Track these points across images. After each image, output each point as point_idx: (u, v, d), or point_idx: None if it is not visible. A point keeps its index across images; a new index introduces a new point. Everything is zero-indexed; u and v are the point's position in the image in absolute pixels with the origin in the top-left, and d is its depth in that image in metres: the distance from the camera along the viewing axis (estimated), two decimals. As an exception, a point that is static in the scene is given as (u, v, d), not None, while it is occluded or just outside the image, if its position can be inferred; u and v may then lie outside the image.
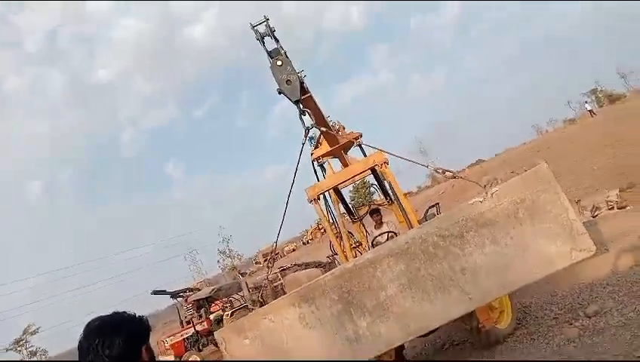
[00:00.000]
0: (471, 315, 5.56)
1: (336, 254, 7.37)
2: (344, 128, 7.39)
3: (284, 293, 15.22)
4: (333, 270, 4.48)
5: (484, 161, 50.25)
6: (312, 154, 7.33)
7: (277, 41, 4.79)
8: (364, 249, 8.00)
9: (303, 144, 4.87)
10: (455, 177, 5.46)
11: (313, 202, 6.49)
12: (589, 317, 5.90)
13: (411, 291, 4.10)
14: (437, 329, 4.80)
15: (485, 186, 4.31)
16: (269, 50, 4.76)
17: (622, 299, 6.12)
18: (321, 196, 6.75)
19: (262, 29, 4.70)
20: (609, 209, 12.41)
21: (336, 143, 6.93)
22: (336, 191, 7.30)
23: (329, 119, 7.15)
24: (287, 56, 4.74)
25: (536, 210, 3.90)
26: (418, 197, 45.26)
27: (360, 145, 7.22)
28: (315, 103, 5.77)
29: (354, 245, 8.23)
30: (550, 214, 3.88)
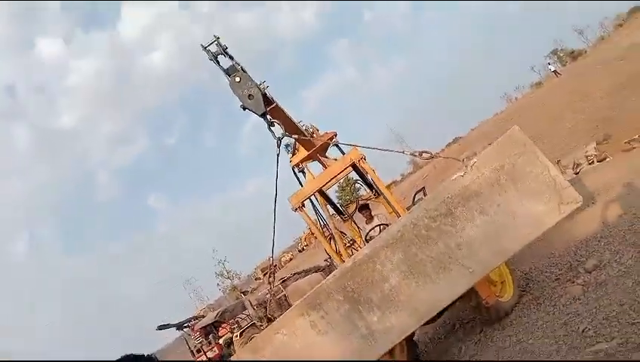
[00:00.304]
0: (474, 293, 5.58)
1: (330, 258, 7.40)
2: (318, 130, 7.40)
3: (289, 305, 15.18)
4: (334, 272, 4.51)
5: (460, 138, 50.67)
6: (290, 161, 7.32)
7: (231, 58, 4.76)
8: (359, 246, 8.02)
9: (278, 155, 4.84)
10: (433, 157, 5.50)
11: (298, 210, 6.48)
12: (590, 272, 5.98)
13: (414, 277, 4.16)
14: (445, 310, 4.83)
15: (464, 160, 4.30)
16: (225, 68, 4.75)
17: (617, 248, 6.22)
18: (308, 202, 6.76)
19: (214, 48, 4.69)
20: (589, 163, 12.61)
21: (313, 147, 6.95)
22: (322, 193, 7.31)
23: (301, 123, 7.16)
24: (244, 71, 4.72)
25: (517, 173, 3.98)
26: (403, 184, 45.54)
27: (337, 145, 7.25)
28: (284, 112, 5.77)
29: (348, 244, 8.24)
30: (531, 174, 3.97)
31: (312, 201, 7.26)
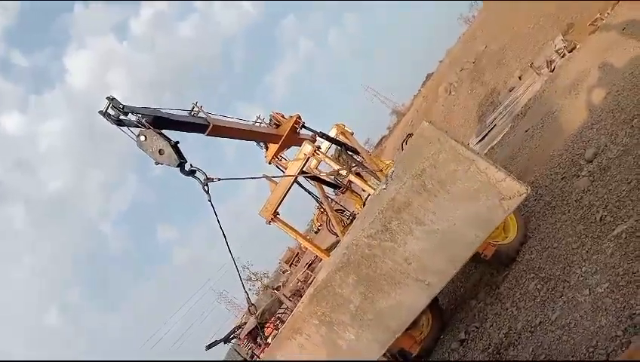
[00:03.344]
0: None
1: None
2: (283, 116, 7.23)
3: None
4: (303, 297, 4.74)
5: (432, 73, 50.35)
6: (266, 158, 7.18)
7: (132, 112, 4.41)
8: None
9: (209, 201, 4.46)
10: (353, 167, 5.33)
11: (272, 222, 6.30)
12: (591, 161, 6.03)
13: (373, 295, 4.22)
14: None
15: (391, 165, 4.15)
16: (132, 123, 4.40)
17: (611, 130, 6.25)
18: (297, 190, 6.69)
19: (113, 111, 4.28)
20: (562, 57, 12.56)
21: (279, 138, 6.83)
22: (313, 178, 7.21)
23: (261, 119, 7.07)
24: (150, 124, 4.38)
25: (442, 175, 3.60)
26: (392, 137, 45.46)
27: (304, 126, 7.13)
28: (227, 126, 5.72)
29: (349, 218, 8.22)
30: (458, 173, 3.57)
31: (305, 189, 7.22)
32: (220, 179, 4.38)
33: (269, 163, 7.10)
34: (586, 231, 4.95)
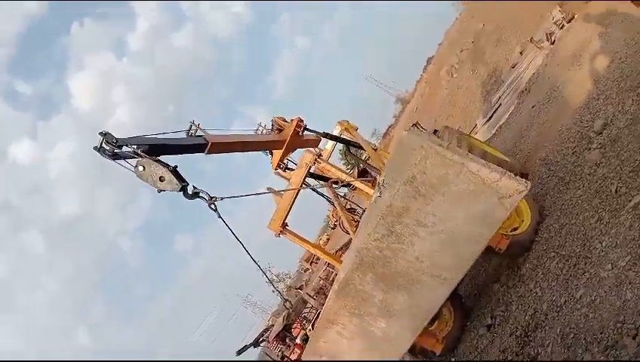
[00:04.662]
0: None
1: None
2: (285, 120, 7.16)
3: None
4: (329, 293, 4.98)
5: (432, 57, 50.11)
6: (271, 165, 7.09)
7: (127, 145, 4.31)
8: None
9: (220, 217, 4.49)
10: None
11: (281, 234, 6.29)
12: (600, 133, 5.97)
13: (394, 291, 4.27)
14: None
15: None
16: (128, 155, 4.31)
17: (617, 99, 6.19)
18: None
19: (107, 145, 4.18)
20: (561, 28, 12.44)
21: (283, 143, 6.79)
22: (321, 178, 7.19)
23: (262, 125, 7.04)
24: (146, 153, 4.30)
25: (433, 179, 3.47)
26: (399, 126, 45.32)
27: (306, 128, 7.09)
28: (226, 142, 5.66)
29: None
30: (449, 176, 3.42)
31: (314, 190, 7.21)
32: (222, 198, 4.40)
33: (275, 169, 7.08)
34: (603, 204, 4.92)
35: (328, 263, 20.27)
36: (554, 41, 12.37)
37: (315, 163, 6.23)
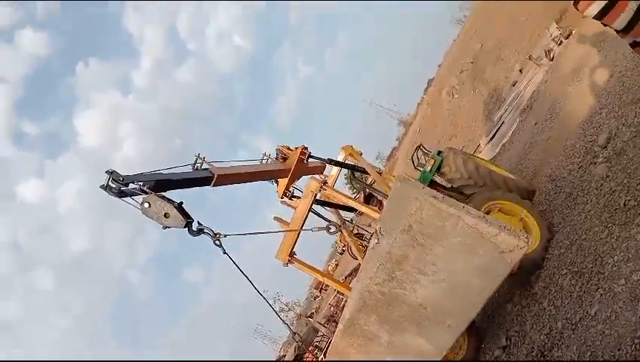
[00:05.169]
0: None
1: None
2: (289, 148, 7.18)
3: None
4: (336, 331, 4.99)
5: (432, 79, 50.43)
6: (277, 194, 7.12)
7: (133, 182, 4.31)
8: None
9: (225, 253, 4.46)
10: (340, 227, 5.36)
11: (290, 263, 6.25)
12: (605, 147, 5.95)
13: (398, 334, 4.23)
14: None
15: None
16: (135, 193, 4.31)
17: (620, 112, 6.18)
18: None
19: (113, 184, 4.18)
20: (559, 44, 12.53)
21: (287, 173, 6.81)
22: (327, 204, 7.18)
23: (267, 155, 7.13)
24: (152, 189, 4.32)
25: (431, 230, 3.38)
26: (403, 147, 45.38)
27: (310, 155, 7.13)
28: (231, 174, 5.65)
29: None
30: (446, 228, 3.31)
31: (321, 216, 7.21)
32: (226, 236, 4.40)
33: (281, 198, 7.09)
34: (612, 218, 4.87)
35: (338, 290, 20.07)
36: (553, 57, 12.44)
37: (320, 190, 6.23)
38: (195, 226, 4.37)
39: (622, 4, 3.27)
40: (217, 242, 4.39)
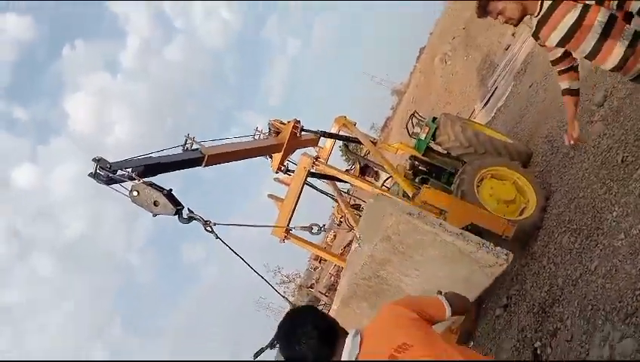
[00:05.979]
0: (490, 234, 5.17)
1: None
2: (282, 122, 7.07)
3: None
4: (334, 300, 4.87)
5: (424, 47, 50.01)
6: (272, 168, 7.04)
7: (121, 168, 4.19)
8: None
9: (217, 238, 4.26)
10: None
11: (286, 239, 6.29)
12: (602, 105, 5.95)
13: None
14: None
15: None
16: (123, 179, 4.17)
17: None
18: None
19: (102, 171, 4.04)
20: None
21: (281, 147, 6.76)
22: (323, 176, 7.18)
23: (259, 130, 7.05)
24: (142, 175, 4.23)
25: (409, 242, 3.38)
26: (397, 118, 45.30)
27: (303, 129, 7.07)
28: (223, 152, 5.56)
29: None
30: (425, 242, 3.32)
31: (317, 189, 7.22)
32: (216, 224, 4.25)
33: (276, 172, 7.06)
34: (610, 175, 4.90)
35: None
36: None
37: (313, 166, 6.24)
38: (185, 214, 4.26)
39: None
40: (209, 229, 4.27)
